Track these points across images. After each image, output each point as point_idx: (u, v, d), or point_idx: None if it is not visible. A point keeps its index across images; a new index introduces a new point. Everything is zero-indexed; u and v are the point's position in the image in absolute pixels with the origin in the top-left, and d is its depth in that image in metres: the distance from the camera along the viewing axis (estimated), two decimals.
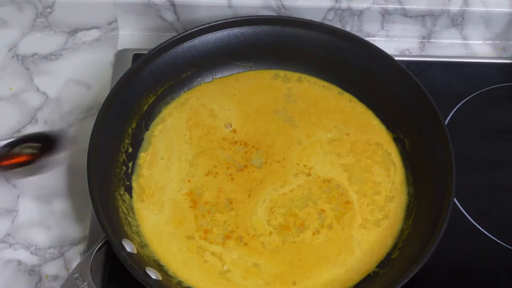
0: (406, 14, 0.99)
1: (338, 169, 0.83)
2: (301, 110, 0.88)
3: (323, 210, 0.80)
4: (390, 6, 0.98)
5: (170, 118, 0.86)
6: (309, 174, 0.83)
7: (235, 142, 0.85)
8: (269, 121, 0.87)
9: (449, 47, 1.02)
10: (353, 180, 0.82)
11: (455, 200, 0.79)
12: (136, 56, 0.94)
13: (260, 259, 0.76)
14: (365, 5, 0.98)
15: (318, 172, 0.83)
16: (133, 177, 0.81)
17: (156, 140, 0.84)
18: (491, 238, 0.81)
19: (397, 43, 1.02)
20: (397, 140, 0.86)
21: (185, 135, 0.85)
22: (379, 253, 0.77)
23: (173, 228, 0.77)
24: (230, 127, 0.86)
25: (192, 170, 0.82)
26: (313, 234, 0.78)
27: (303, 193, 0.81)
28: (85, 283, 0.68)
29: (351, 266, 0.76)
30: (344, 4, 0.97)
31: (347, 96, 0.90)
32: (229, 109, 0.88)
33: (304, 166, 0.83)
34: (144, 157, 0.83)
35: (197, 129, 0.86)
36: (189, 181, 0.81)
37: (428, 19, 1.00)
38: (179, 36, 0.86)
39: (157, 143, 0.84)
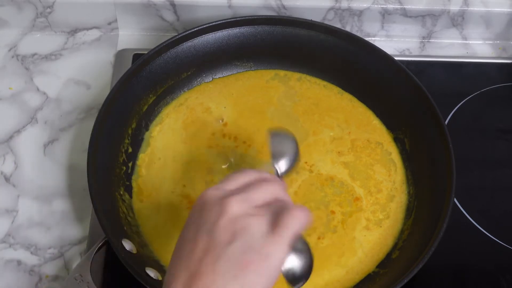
0: (406, 14, 0.99)
1: (339, 166, 0.83)
2: (304, 109, 0.88)
3: (333, 212, 0.79)
4: (390, 6, 0.98)
5: (168, 118, 0.86)
6: (311, 171, 0.83)
7: (224, 135, 0.85)
8: (265, 119, 0.87)
9: (449, 47, 1.02)
10: (355, 176, 0.82)
11: (455, 200, 0.79)
12: (136, 56, 0.94)
13: None
14: (365, 5, 0.98)
15: (320, 170, 0.83)
16: (133, 177, 0.81)
17: (154, 140, 0.84)
18: (491, 238, 0.81)
19: (397, 43, 1.02)
20: (397, 140, 0.86)
21: (181, 135, 0.85)
22: (380, 253, 0.77)
23: (171, 229, 0.77)
24: (222, 121, 0.86)
25: (187, 172, 0.82)
26: (318, 238, 0.77)
27: (311, 190, 0.81)
28: (85, 283, 0.68)
29: (352, 267, 0.76)
30: (344, 4, 0.97)
31: (347, 96, 0.90)
32: (224, 107, 0.88)
33: (305, 163, 0.83)
34: (143, 158, 0.83)
35: (193, 127, 0.86)
36: (184, 185, 0.81)
37: (428, 19, 1.00)
38: (179, 36, 0.86)
39: (155, 143, 0.84)
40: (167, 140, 0.84)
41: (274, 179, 0.62)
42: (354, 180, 0.82)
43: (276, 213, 0.56)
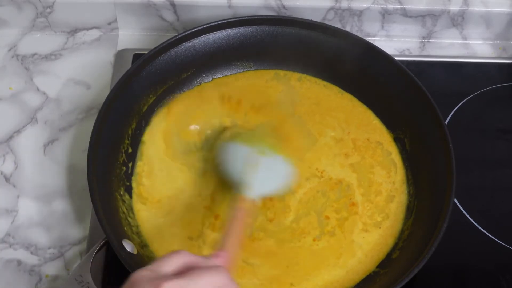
0: (406, 14, 0.99)
1: (347, 169, 0.83)
2: (305, 109, 0.88)
3: (327, 217, 0.79)
4: (390, 6, 0.98)
5: (157, 126, 0.85)
6: (321, 177, 0.82)
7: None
8: (268, 118, 0.87)
9: (449, 47, 1.02)
10: (360, 181, 0.82)
11: (455, 200, 0.79)
12: (136, 56, 0.94)
13: (255, 259, 0.75)
14: (365, 5, 0.98)
15: (330, 174, 0.82)
16: (133, 178, 0.81)
17: (147, 148, 0.83)
18: (491, 238, 0.81)
19: (397, 43, 1.02)
20: (397, 140, 0.86)
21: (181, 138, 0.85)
22: (380, 253, 0.77)
23: (178, 229, 0.77)
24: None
25: (199, 178, 0.81)
26: (314, 240, 0.77)
27: (317, 197, 0.80)
28: (85, 284, 0.68)
29: (351, 267, 0.76)
30: (344, 4, 0.97)
31: (347, 95, 0.90)
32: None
33: (316, 169, 0.83)
34: (141, 166, 0.82)
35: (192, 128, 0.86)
36: (200, 194, 0.80)
37: (428, 19, 1.00)
38: (179, 36, 0.86)
39: (148, 151, 0.83)
40: (158, 148, 0.83)
41: (216, 268, 0.56)
42: (359, 187, 0.81)
43: None
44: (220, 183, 0.80)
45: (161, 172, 0.82)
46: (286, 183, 0.78)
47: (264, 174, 0.75)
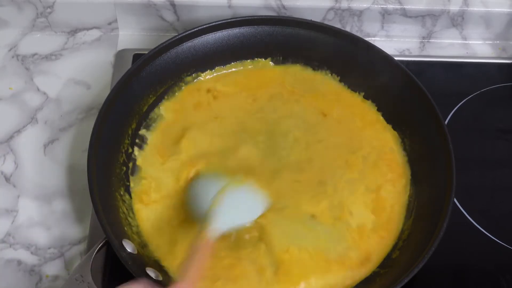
0: (406, 14, 0.99)
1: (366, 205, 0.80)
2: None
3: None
4: (390, 6, 0.98)
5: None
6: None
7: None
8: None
9: (449, 47, 1.02)
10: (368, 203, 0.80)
11: (455, 200, 0.79)
12: (136, 56, 0.94)
13: None
14: (365, 5, 0.98)
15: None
16: (137, 189, 0.80)
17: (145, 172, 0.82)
18: (491, 238, 0.81)
19: (397, 43, 1.02)
20: None
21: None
22: (380, 253, 0.77)
23: (177, 227, 0.76)
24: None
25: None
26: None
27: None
28: (86, 284, 0.68)
29: (350, 269, 0.75)
30: (344, 4, 0.97)
31: None
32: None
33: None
34: (146, 184, 0.80)
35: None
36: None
37: (428, 19, 1.00)
38: (179, 36, 0.86)
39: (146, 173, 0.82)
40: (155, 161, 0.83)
41: None
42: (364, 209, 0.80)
43: None
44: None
45: (167, 178, 0.81)
46: (254, 215, 0.75)
47: (230, 206, 0.72)
